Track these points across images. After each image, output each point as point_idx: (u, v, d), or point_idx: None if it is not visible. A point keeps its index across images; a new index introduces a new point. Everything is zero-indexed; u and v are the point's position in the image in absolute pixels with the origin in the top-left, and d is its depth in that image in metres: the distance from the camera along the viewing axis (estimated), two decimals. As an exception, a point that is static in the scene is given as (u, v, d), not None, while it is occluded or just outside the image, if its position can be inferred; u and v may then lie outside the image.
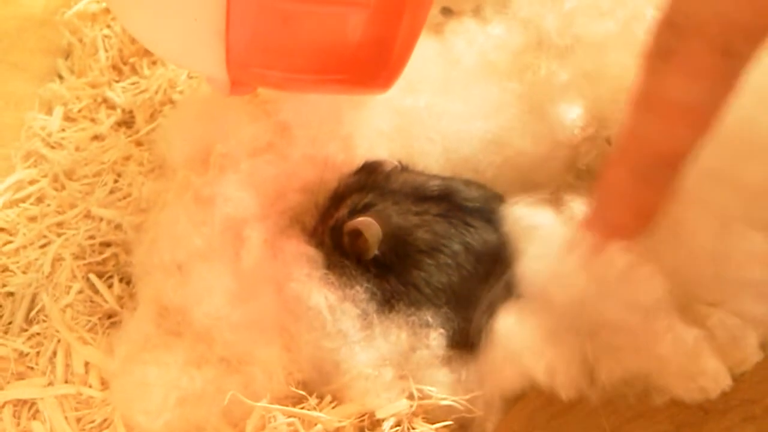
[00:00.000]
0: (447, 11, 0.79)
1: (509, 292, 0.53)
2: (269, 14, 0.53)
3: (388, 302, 0.57)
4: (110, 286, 0.71)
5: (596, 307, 0.46)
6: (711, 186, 0.47)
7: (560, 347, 0.48)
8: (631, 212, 0.46)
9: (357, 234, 0.57)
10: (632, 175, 0.45)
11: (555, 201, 0.53)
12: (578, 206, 0.51)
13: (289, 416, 0.55)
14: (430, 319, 0.57)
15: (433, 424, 0.55)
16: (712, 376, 0.43)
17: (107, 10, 1.03)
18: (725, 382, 0.43)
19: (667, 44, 0.42)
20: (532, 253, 0.51)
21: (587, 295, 0.47)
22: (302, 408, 0.56)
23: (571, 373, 0.46)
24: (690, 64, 0.41)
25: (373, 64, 0.58)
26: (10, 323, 0.69)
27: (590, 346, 0.47)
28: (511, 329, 0.50)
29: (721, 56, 0.40)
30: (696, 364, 0.43)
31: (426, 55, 0.68)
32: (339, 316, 0.56)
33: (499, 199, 0.60)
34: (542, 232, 0.51)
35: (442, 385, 0.56)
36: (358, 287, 0.57)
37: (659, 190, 0.45)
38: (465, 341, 0.56)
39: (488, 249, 0.57)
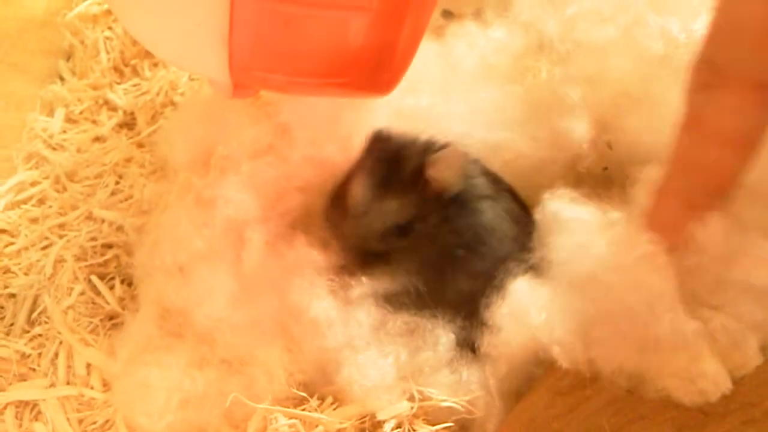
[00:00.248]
0: (448, 14, 0.79)
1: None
2: (272, 18, 0.53)
3: (395, 301, 0.58)
4: (112, 288, 0.72)
5: (607, 282, 0.47)
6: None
7: (565, 314, 0.49)
8: (678, 235, 0.47)
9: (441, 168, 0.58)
10: (679, 201, 0.47)
11: (587, 200, 0.54)
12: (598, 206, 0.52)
13: (291, 418, 0.56)
14: (434, 320, 0.58)
15: (434, 425, 0.55)
16: (712, 379, 0.44)
17: (109, 12, 1.03)
18: (725, 385, 0.44)
19: (706, 81, 0.44)
20: (562, 243, 0.52)
21: (601, 269, 0.48)
22: (303, 409, 0.57)
23: (570, 338, 0.47)
24: (729, 99, 0.43)
25: (376, 68, 0.58)
26: (11, 325, 0.69)
27: (594, 320, 0.47)
28: (523, 290, 0.52)
29: (758, 90, 0.42)
30: (696, 367, 0.44)
31: (426, 58, 0.68)
32: (341, 322, 0.56)
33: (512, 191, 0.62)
34: (575, 225, 0.52)
35: (443, 387, 0.56)
36: (363, 288, 0.57)
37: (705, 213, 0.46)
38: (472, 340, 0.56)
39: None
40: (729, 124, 0.44)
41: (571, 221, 0.52)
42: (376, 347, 0.56)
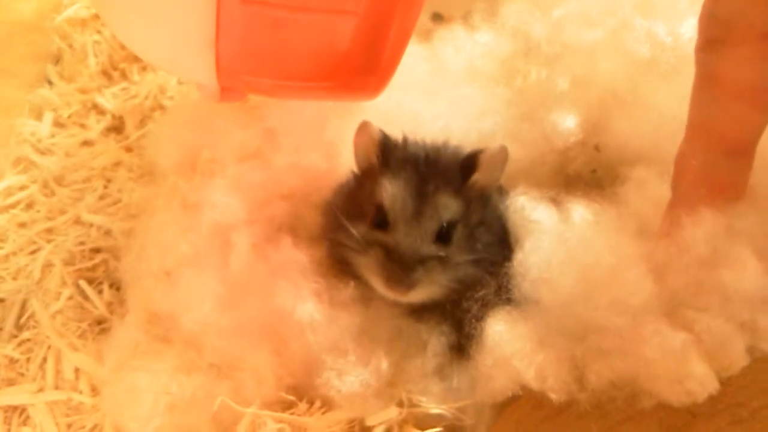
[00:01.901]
0: (437, 17, 0.79)
1: (500, 294, 0.54)
2: (259, 22, 0.53)
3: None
4: (100, 292, 0.71)
5: (584, 309, 0.47)
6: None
7: (550, 351, 0.48)
8: (708, 192, 0.47)
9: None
10: (700, 165, 0.47)
11: (555, 200, 0.55)
12: (578, 209, 0.53)
13: (279, 422, 0.56)
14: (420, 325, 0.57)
15: (423, 430, 0.55)
16: (699, 380, 0.44)
17: (97, 16, 1.03)
18: (712, 386, 0.44)
19: (712, 36, 0.45)
20: (527, 248, 0.52)
21: (575, 297, 0.48)
22: (292, 413, 0.57)
23: (562, 376, 0.47)
24: (737, 52, 0.44)
25: (363, 71, 0.59)
26: (0, 329, 0.69)
27: (579, 350, 0.48)
28: (501, 335, 0.51)
29: (765, 38, 0.42)
30: (683, 368, 0.44)
31: (414, 62, 0.68)
32: (326, 325, 0.56)
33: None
34: (540, 227, 0.53)
35: (433, 393, 0.56)
36: (350, 291, 0.57)
37: (731, 172, 0.47)
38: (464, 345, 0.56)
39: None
40: (741, 78, 0.44)
41: (539, 225, 0.53)
42: (361, 352, 0.56)
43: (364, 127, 0.59)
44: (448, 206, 0.56)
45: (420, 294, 0.55)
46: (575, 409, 0.47)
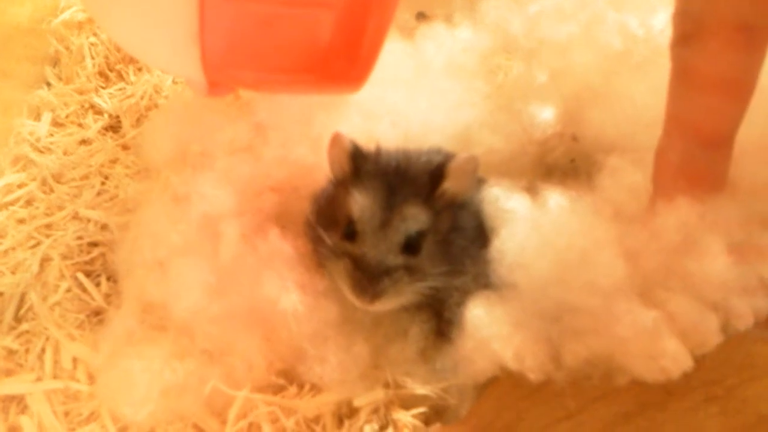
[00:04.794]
0: (422, 16, 0.81)
1: (478, 281, 0.55)
2: (241, 17, 0.54)
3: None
4: (98, 285, 0.73)
5: (559, 291, 0.49)
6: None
7: (527, 333, 0.50)
8: (688, 185, 0.48)
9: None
10: (679, 159, 0.48)
11: (530, 189, 0.56)
12: (553, 196, 0.54)
13: (269, 405, 0.57)
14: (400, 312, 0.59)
15: (408, 410, 0.56)
16: (673, 358, 0.45)
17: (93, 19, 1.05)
18: (686, 363, 0.45)
19: (685, 32, 0.46)
20: (503, 235, 0.53)
21: (550, 280, 0.49)
22: (282, 397, 0.58)
23: (539, 356, 0.49)
24: (710, 45, 0.45)
25: (343, 64, 0.60)
26: (-1, 322, 0.70)
27: (555, 330, 0.49)
28: (480, 319, 0.52)
29: (739, 32, 0.44)
30: (656, 346, 0.45)
31: (397, 59, 0.69)
32: (310, 315, 0.57)
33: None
34: (515, 216, 0.54)
35: (417, 376, 0.57)
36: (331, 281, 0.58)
37: (710, 164, 0.48)
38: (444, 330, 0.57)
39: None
40: (716, 70, 0.45)
41: (514, 214, 0.54)
42: (342, 339, 0.58)
43: (336, 139, 0.60)
44: (416, 217, 0.57)
45: (387, 304, 0.56)
46: (552, 387, 0.48)
